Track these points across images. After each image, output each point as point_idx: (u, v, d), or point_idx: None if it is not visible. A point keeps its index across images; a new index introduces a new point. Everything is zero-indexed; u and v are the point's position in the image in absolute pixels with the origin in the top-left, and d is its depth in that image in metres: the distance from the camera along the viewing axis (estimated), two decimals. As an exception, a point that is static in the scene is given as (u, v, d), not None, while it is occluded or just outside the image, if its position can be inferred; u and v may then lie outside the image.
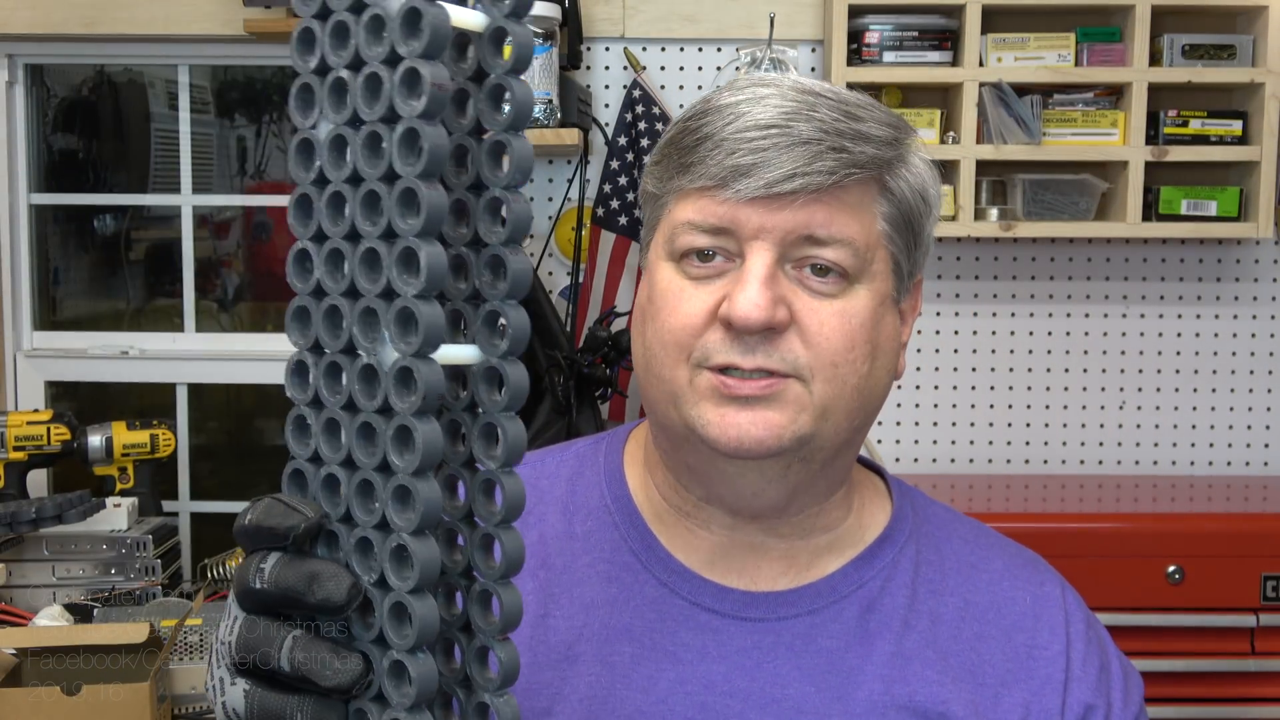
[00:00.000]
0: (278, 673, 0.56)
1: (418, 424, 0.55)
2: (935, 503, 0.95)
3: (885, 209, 0.81)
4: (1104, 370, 2.51)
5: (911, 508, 0.92)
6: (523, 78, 0.57)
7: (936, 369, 2.51)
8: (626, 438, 0.94)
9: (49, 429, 2.19)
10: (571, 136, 2.07)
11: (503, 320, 0.57)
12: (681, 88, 2.44)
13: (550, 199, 2.45)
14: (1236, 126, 2.31)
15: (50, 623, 1.84)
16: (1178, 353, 2.51)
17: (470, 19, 0.56)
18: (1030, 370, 2.51)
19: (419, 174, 0.54)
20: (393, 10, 0.54)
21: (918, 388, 2.51)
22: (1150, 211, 2.34)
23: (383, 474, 0.57)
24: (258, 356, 2.58)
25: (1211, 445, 2.52)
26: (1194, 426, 2.52)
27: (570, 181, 2.38)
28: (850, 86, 0.84)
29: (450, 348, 0.58)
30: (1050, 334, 2.51)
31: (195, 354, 2.58)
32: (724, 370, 0.78)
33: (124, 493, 2.21)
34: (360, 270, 0.56)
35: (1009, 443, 2.52)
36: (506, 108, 0.56)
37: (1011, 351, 2.51)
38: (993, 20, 2.33)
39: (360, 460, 0.57)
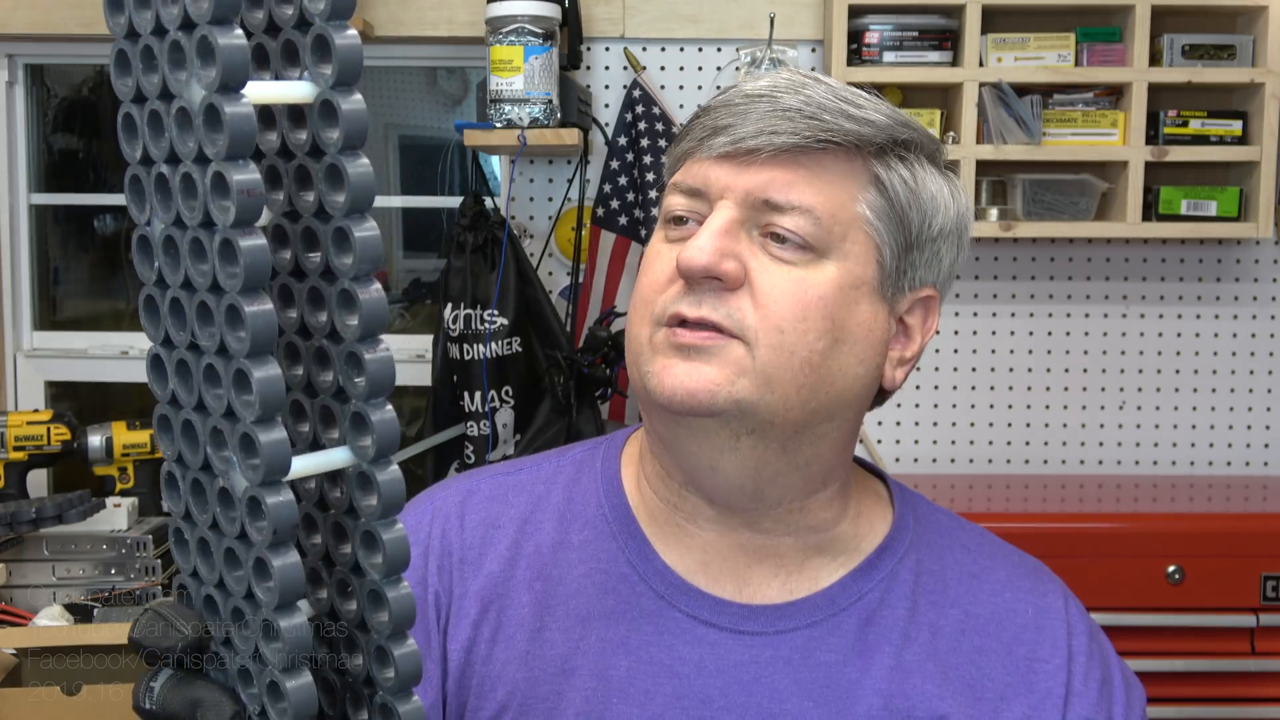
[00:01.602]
0: None
1: (273, 558, 0.50)
2: (939, 509, 0.93)
3: (871, 196, 0.80)
4: (1104, 370, 2.51)
5: (914, 515, 0.90)
6: (361, 154, 0.49)
7: (936, 369, 2.51)
8: (624, 442, 0.93)
9: (49, 429, 2.19)
10: (571, 136, 2.07)
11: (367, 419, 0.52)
12: (681, 88, 2.44)
13: (550, 199, 2.45)
14: (1236, 126, 2.31)
15: (50, 623, 1.84)
16: (1178, 353, 2.51)
17: (296, 92, 0.50)
18: (1030, 370, 2.51)
19: (240, 289, 0.47)
20: (194, 104, 0.48)
21: (918, 388, 2.51)
22: (1150, 211, 2.33)
23: (250, 603, 0.53)
24: (258, 356, 2.58)
25: (1211, 445, 2.52)
26: (1194, 426, 2.52)
27: (570, 181, 2.38)
28: (850, 86, 0.84)
29: (317, 456, 0.53)
30: (1050, 334, 2.51)
31: (195, 354, 2.58)
32: (675, 322, 0.78)
33: (124, 493, 2.21)
34: (205, 386, 0.51)
35: (1009, 443, 2.52)
36: (342, 193, 0.50)
37: (1011, 351, 2.51)
38: (993, 20, 2.33)
39: (231, 588, 0.53)
